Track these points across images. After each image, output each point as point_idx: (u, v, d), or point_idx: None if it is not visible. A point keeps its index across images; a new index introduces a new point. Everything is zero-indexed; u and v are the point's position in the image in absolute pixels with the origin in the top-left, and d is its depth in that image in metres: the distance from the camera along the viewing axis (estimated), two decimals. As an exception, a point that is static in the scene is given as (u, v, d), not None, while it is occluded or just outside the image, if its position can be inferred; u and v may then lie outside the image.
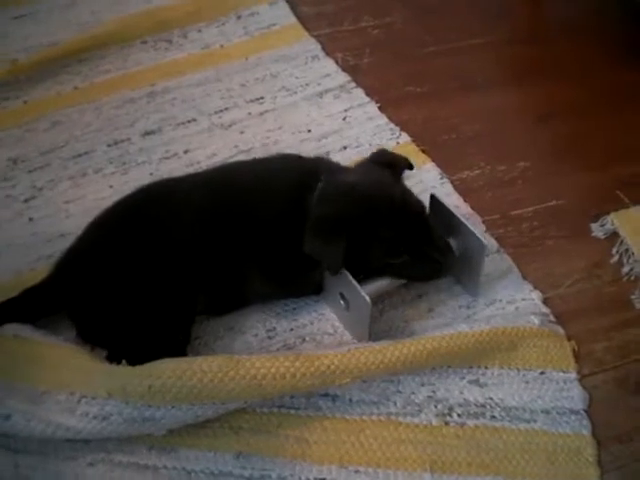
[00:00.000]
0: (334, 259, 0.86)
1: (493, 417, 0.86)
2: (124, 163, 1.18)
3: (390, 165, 0.94)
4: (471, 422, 0.85)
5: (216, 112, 1.27)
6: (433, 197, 0.97)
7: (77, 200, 1.12)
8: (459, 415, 0.86)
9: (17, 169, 1.17)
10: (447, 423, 0.85)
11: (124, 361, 0.81)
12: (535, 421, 0.86)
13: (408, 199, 0.91)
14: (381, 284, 0.92)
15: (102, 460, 0.80)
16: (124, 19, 1.42)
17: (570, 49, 1.40)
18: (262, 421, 0.84)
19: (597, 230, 1.07)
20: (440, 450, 0.82)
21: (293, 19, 1.46)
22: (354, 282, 0.87)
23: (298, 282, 0.95)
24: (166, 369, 0.77)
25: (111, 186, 1.13)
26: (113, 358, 0.83)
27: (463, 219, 0.93)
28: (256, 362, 0.80)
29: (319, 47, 1.40)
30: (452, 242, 0.94)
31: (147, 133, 1.23)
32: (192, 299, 0.89)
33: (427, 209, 0.94)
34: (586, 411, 0.86)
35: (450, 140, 1.23)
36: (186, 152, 1.19)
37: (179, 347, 0.87)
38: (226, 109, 1.28)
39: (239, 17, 1.47)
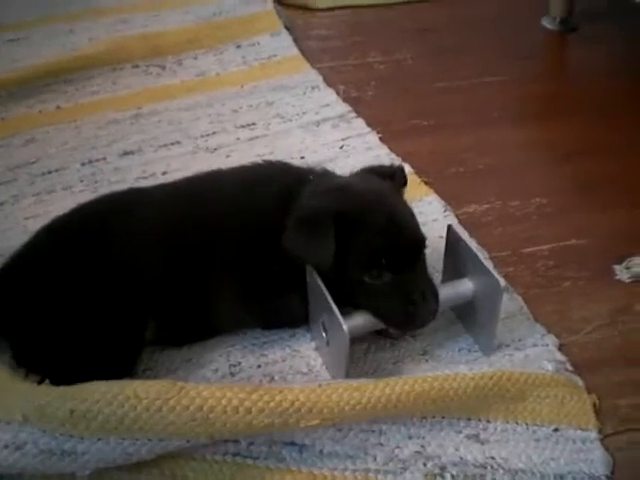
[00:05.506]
0: (324, 251, 0.74)
1: (495, 481, 0.71)
2: (96, 182, 1.11)
3: (389, 177, 0.85)
4: (468, 486, 0.71)
5: (202, 136, 1.21)
6: (450, 228, 0.85)
7: (39, 217, 1.03)
8: (453, 476, 0.71)
9: (-18, 183, 1.10)
10: (438, 486, 0.71)
11: (47, 380, 0.70)
12: (547, 488, 0.71)
13: (407, 218, 0.81)
14: (365, 320, 0.78)
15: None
16: (116, 41, 1.38)
17: (595, 90, 1.35)
18: (212, 470, 0.71)
19: (622, 272, 0.96)
20: (427, 519, 0.69)
21: (295, 51, 1.43)
22: (333, 306, 0.75)
23: (277, 305, 0.83)
24: (93, 392, 0.66)
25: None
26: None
27: (480, 255, 0.81)
28: (203, 391, 0.67)
29: (320, 78, 1.36)
30: (467, 284, 0.81)
31: (125, 153, 1.17)
32: (140, 322, 0.81)
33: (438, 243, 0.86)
34: (609, 477, 0.72)
35: (458, 174, 1.14)
36: (164, 173, 1.12)
37: (120, 376, 0.74)
38: (214, 133, 1.22)
39: (239, 46, 1.44)
